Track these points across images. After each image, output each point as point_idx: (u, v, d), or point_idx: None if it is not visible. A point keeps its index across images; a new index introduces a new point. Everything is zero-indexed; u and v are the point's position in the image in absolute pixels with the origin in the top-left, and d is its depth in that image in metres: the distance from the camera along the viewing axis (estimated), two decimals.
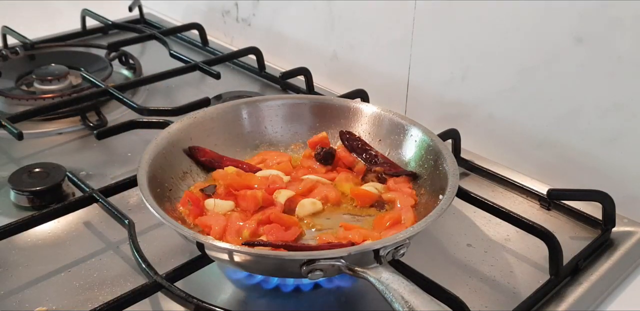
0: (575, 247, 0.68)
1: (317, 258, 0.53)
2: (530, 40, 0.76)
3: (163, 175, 0.67)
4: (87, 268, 0.66)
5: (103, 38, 1.22)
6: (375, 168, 0.73)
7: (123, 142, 0.86)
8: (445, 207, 0.59)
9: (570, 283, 0.65)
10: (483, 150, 0.85)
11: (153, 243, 0.69)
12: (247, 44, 1.09)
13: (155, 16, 1.33)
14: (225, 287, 0.64)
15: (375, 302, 0.61)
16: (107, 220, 0.70)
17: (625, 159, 0.73)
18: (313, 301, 0.63)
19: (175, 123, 0.74)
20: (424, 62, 0.90)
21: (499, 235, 0.72)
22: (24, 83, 1.02)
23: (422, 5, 0.86)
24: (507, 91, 0.82)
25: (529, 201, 0.77)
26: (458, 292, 0.58)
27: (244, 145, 0.78)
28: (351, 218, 0.68)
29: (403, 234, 0.56)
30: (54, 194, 0.75)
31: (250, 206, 0.66)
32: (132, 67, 1.09)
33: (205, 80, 1.05)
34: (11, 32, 1.12)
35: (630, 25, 0.67)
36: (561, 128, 0.78)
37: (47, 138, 0.90)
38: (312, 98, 0.82)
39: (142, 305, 0.59)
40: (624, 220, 0.73)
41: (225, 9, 1.22)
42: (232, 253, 0.56)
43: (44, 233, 0.71)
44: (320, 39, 1.04)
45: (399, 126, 0.74)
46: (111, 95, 0.92)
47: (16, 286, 0.63)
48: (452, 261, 0.68)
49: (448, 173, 0.65)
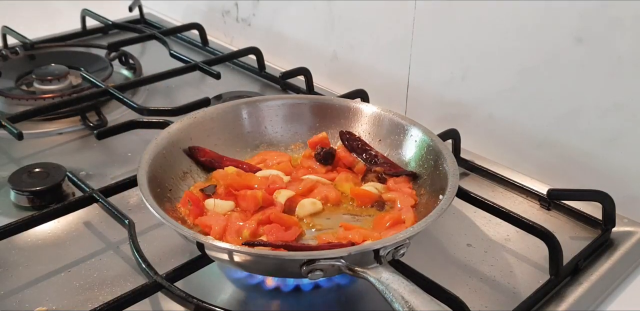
0: (575, 247, 0.68)
1: (317, 258, 0.53)
2: (530, 40, 0.76)
3: (163, 175, 0.67)
4: (87, 268, 0.66)
5: (103, 38, 1.22)
6: (375, 168, 0.73)
7: (123, 142, 0.86)
8: (446, 207, 0.59)
9: (570, 283, 0.65)
10: (483, 150, 0.85)
11: (153, 243, 0.69)
12: (247, 44, 1.09)
13: (155, 16, 1.33)
14: (225, 287, 0.64)
15: (375, 302, 0.61)
16: (107, 220, 0.70)
17: (625, 159, 0.73)
18: (313, 301, 0.63)
19: (175, 123, 0.74)
20: (424, 62, 0.90)
21: (499, 235, 0.72)
22: (24, 83, 1.02)
23: (422, 5, 0.86)
24: (507, 91, 0.82)
25: (529, 201, 0.77)
26: (458, 292, 0.58)
27: (244, 145, 0.78)
28: (351, 218, 0.68)
29: (403, 234, 0.56)
30: (54, 194, 0.75)
31: (250, 206, 0.66)
32: (132, 67, 1.09)
33: (205, 80, 1.05)
34: (11, 32, 1.12)
35: (630, 25, 0.67)
36: (561, 128, 0.78)
37: (47, 138, 0.90)
38: (312, 98, 0.82)
39: (142, 305, 0.59)
40: (624, 220, 0.73)
41: (225, 9, 1.22)
42: (232, 253, 0.56)
43: (44, 233, 0.71)
44: (320, 39, 1.04)
45: (399, 126, 0.74)
46: (111, 95, 0.92)
47: (16, 286, 0.63)
48: (452, 261, 0.68)
49: (448, 173, 0.65)
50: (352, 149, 0.75)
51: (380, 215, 0.66)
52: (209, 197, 0.68)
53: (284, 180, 0.71)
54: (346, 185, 0.71)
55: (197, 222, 0.64)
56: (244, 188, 0.68)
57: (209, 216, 0.65)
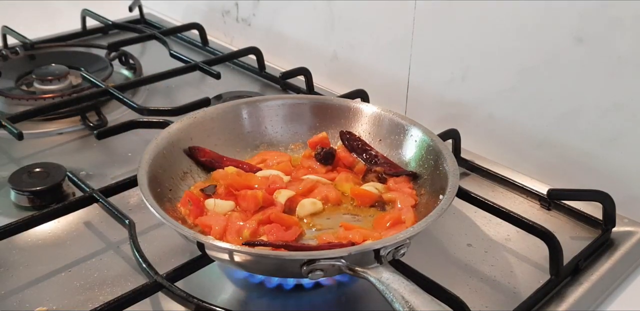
0: (575, 247, 0.68)
1: (318, 258, 0.53)
2: (530, 40, 0.76)
3: (163, 175, 0.67)
4: (87, 268, 0.66)
5: (103, 38, 1.22)
6: (375, 169, 0.73)
7: (123, 142, 0.86)
8: (446, 207, 0.59)
9: (570, 283, 0.65)
10: (483, 150, 0.85)
11: (153, 243, 0.69)
12: (247, 44, 1.09)
13: (155, 16, 1.33)
14: (225, 287, 0.64)
15: (376, 302, 0.61)
16: (107, 220, 0.70)
17: (626, 159, 0.73)
18: (313, 301, 0.63)
19: (175, 123, 0.74)
20: (424, 62, 0.90)
21: (499, 235, 0.72)
22: (24, 83, 1.02)
23: (422, 5, 0.86)
24: (507, 91, 0.82)
25: (529, 201, 0.77)
26: (458, 292, 0.58)
27: (244, 145, 0.78)
28: (351, 218, 0.68)
29: (403, 234, 0.56)
30: (54, 194, 0.75)
31: (250, 206, 0.66)
32: (132, 67, 1.08)
33: (205, 80, 1.05)
34: (11, 32, 1.12)
35: (630, 25, 0.67)
36: (561, 128, 0.78)
37: (47, 138, 0.90)
38: (312, 98, 0.82)
39: (143, 305, 0.59)
40: (624, 220, 0.73)
41: (225, 9, 1.22)
42: (233, 253, 0.56)
43: (44, 233, 0.71)
44: (320, 39, 1.04)
45: (399, 126, 0.74)
46: (111, 95, 0.92)
47: (16, 286, 0.63)
48: (452, 261, 0.68)
49: (448, 173, 0.65)
50: (352, 149, 0.75)
51: (380, 215, 0.66)
52: (209, 196, 0.68)
53: (284, 180, 0.71)
54: (346, 185, 0.71)
55: (197, 222, 0.64)
56: (244, 188, 0.68)
57: (209, 216, 0.65)
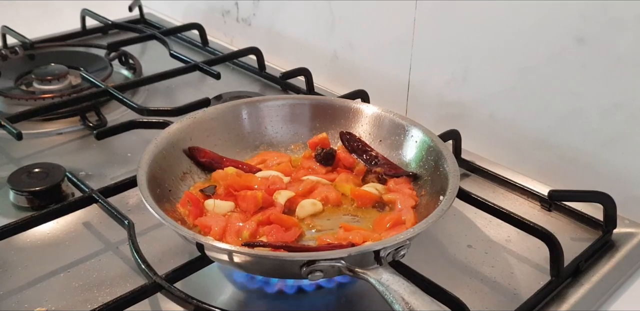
0: (576, 248, 0.67)
1: (317, 259, 0.53)
2: (531, 41, 0.76)
3: (163, 176, 0.67)
4: (86, 268, 0.66)
5: (103, 38, 1.22)
6: (375, 169, 0.72)
7: (123, 142, 0.86)
8: (446, 208, 0.59)
9: (571, 285, 0.64)
10: (484, 150, 0.85)
11: (153, 243, 0.68)
12: (247, 44, 1.09)
13: (156, 16, 1.33)
14: (225, 288, 0.64)
15: (376, 303, 0.61)
16: (106, 220, 0.70)
17: (626, 160, 0.73)
18: (313, 302, 0.63)
19: (175, 123, 0.74)
20: (425, 62, 0.90)
21: (499, 236, 0.71)
22: (23, 83, 1.02)
23: (422, 5, 0.86)
24: (507, 91, 0.81)
25: (529, 202, 0.77)
26: (458, 293, 0.57)
27: (243, 146, 0.78)
28: (351, 219, 0.67)
29: (403, 235, 0.56)
30: (54, 194, 0.75)
31: (250, 207, 0.65)
32: (132, 67, 1.08)
33: (205, 80, 1.05)
34: (11, 31, 1.12)
35: (630, 26, 0.67)
36: (562, 129, 0.78)
37: (47, 139, 0.90)
38: (313, 98, 0.82)
39: (142, 305, 0.59)
40: (625, 221, 0.73)
41: (226, 9, 1.21)
42: (232, 253, 0.55)
43: (44, 234, 0.71)
44: (320, 39, 1.04)
45: (399, 127, 0.74)
46: (111, 95, 0.92)
47: (15, 287, 0.63)
48: (452, 263, 0.68)
49: (449, 174, 0.65)
50: (352, 150, 0.75)
51: (380, 216, 0.66)
52: (208, 197, 0.68)
53: (284, 181, 0.71)
54: (346, 186, 0.70)
55: (196, 223, 0.64)
56: (243, 188, 0.68)
57: (209, 216, 0.65)
